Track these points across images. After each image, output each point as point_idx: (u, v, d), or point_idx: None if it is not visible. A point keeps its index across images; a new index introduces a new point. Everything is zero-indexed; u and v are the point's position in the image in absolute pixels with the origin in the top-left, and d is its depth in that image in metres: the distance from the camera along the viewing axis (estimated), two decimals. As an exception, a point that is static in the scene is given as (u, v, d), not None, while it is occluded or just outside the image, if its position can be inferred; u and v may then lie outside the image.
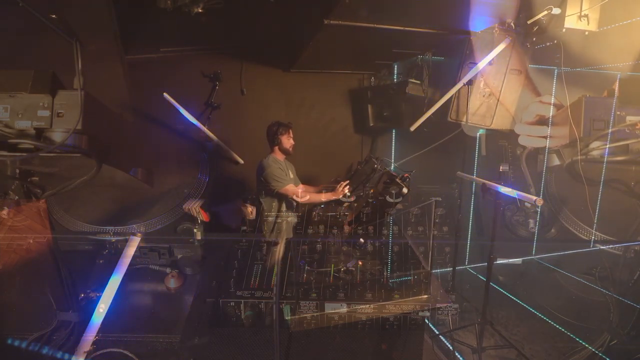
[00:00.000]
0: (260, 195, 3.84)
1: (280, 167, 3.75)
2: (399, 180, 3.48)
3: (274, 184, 3.67)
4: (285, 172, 3.78)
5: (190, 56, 4.58)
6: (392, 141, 4.84)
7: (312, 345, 3.13)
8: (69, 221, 3.98)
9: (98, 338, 3.07)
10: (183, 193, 4.09)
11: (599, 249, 3.82)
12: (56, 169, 2.86)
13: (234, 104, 4.66)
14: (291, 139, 3.83)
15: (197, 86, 4.34)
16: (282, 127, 3.78)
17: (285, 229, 3.87)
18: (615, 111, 3.40)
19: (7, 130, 2.47)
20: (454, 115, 4.05)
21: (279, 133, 3.76)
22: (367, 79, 4.95)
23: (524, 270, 4.18)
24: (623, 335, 3.39)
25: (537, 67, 4.07)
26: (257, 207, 4.02)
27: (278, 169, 3.70)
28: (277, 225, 3.84)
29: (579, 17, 3.37)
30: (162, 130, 4.38)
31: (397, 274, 3.52)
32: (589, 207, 3.63)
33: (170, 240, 3.96)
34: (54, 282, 3.32)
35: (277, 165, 3.72)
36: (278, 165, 3.73)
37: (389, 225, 3.91)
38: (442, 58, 4.40)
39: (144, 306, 3.79)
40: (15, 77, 2.55)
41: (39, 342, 3.22)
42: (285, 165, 3.84)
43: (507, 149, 4.35)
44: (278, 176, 3.67)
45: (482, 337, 3.17)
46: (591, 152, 3.41)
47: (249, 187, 4.44)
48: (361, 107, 4.90)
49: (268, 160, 3.73)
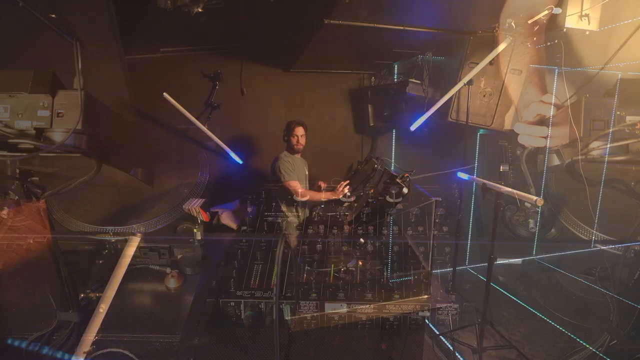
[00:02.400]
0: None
1: (289, 161, 4.04)
2: (399, 180, 3.48)
3: (280, 176, 3.97)
4: (292, 168, 4.01)
5: (190, 56, 4.58)
6: (392, 141, 4.84)
7: (312, 345, 3.12)
8: (69, 221, 3.97)
9: (98, 338, 3.07)
10: (183, 193, 4.09)
11: (599, 249, 3.82)
12: (56, 169, 2.86)
13: (234, 104, 4.67)
14: (299, 137, 4.06)
15: (197, 86, 4.34)
16: (292, 124, 4.07)
17: (286, 228, 3.99)
18: (615, 111, 3.40)
19: (7, 130, 2.47)
20: (454, 115, 4.05)
21: (288, 131, 4.08)
22: (367, 79, 4.95)
23: (524, 270, 4.18)
24: (623, 335, 3.39)
25: (536, 67, 4.08)
26: (257, 207, 4.03)
27: (286, 163, 4.01)
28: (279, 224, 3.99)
29: (580, 16, 3.37)
30: (162, 130, 4.38)
31: (397, 274, 3.52)
32: (589, 207, 3.63)
33: (170, 240, 3.95)
34: (54, 282, 3.32)
35: (286, 159, 4.04)
36: (287, 159, 4.04)
37: (389, 225, 3.91)
38: (442, 58, 4.40)
39: (144, 306, 3.78)
40: (15, 77, 2.54)
41: (39, 342, 3.22)
42: (293, 162, 4.08)
43: (507, 149, 4.35)
44: (284, 169, 3.98)
45: (482, 337, 3.16)
46: (591, 152, 3.41)
47: (249, 187, 4.44)
48: (361, 107, 4.90)
49: (281, 154, 4.10)
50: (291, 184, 3.95)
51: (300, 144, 4.08)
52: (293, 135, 4.06)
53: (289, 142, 4.09)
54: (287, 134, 4.10)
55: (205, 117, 4.26)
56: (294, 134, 4.06)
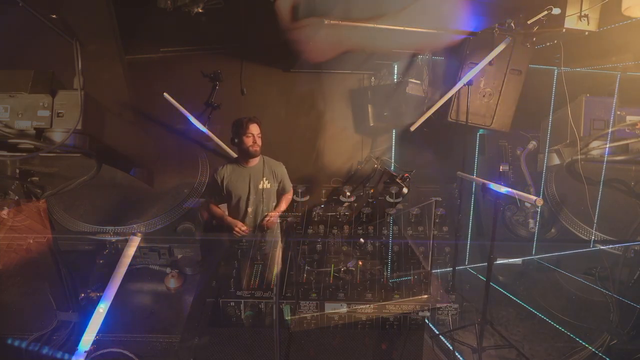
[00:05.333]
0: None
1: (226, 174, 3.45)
2: (399, 180, 3.48)
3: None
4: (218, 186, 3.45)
5: (190, 56, 4.58)
6: (392, 141, 4.84)
7: (312, 345, 3.12)
8: (69, 221, 3.98)
9: (98, 338, 3.08)
10: (183, 193, 4.09)
11: (598, 249, 3.82)
12: (56, 169, 2.86)
13: (234, 104, 4.66)
14: (254, 137, 3.33)
15: (197, 86, 4.34)
16: (243, 121, 3.34)
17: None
18: (615, 111, 3.40)
19: (7, 130, 2.48)
20: (454, 115, 4.05)
21: (239, 130, 3.35)
22: (367, 79, 4.95)
23: (524, 270, 4.18)
24: (623, 335, 3.39)
25: (537, 67, 4.08)
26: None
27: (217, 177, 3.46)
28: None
29: (579, 17, 3.37)
30: (162, 130, 4.38)
31: (397, 274, 3.52)
32: (588, 207, 3.63)
33: (170, 240, 3.96)
34: (54, 282, 3.32)
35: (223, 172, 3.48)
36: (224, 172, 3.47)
37: (389, 225, 3.91)
38: (442, 58, 4.40)
39: (144, 306, 3.79)
40: (15, 77, 2.55)
41: (39, 342, 3.22)
42: (235, 174, 3.45)
43: (507, 149, 4.35)
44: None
45: (482, 337, 3.16)
46: (591, 152, 3.41)
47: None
48: (361, 107, 4.90)
49: (219, 167, 3.50)
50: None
51: (257, 144, 3.34)
52: (247, 134, 3.30)
53: (242, 144, 3.32)
54: (238, 134, 3.31)
55: (205, 117, 4.25)
56: (248, 133, 3.30)
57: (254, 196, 3.47)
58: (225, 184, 3.44)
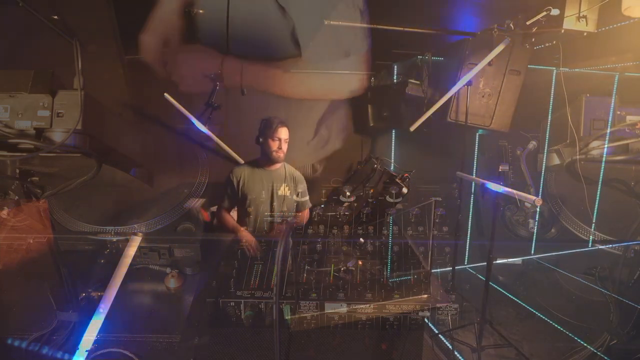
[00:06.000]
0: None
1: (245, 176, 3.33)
2: (398, 180, 3.48)
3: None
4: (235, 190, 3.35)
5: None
6: (392, 141, 4.84)
7: (312, 345, 3.12)
8: (69, 221, 3.98)
9: (98, 338, 3.07)
10: (183, 193, 4.09)
11: (598, 248, 3.82)
12: (56, 169, 2.86)
13: (234, 104, 4.66)
14: (281, 142, 3.21)
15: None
16: (273, 123, 3.19)
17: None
18: (615, 111, 3.41)
19: (7, 130, 2.48)
20: (453, 115, 4.06)
21: (267, 131, 3.19)
22: (367, 79, 4.95)
23: (523, 270, 4.18)
24: (623, 335, 3.40)
25: (536, 67, 4.08)
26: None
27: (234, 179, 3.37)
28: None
29: (578, 18, 3.37)
30: (162, 130, 4.38)
31: (397, 273, 3.52)
32: (588, 207, 3.63)
33: (170, 240, 3.96)
34: (54, 282, 3.32)
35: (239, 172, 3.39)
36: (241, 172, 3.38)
37: (389, 225, 3.91)
38: (442, 58, 4.40)
39: (143, 306, 3.79)
40: (15, 77, 2.55)
41: (39, 342, 3.22)
42: (253, 178, 3.33)
43: (507, 149, 4.35)
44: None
45: (482, 336, 3.17)
46: (591, 152, 3.42)
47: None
48: (361, 107, 4.90)
49: (235, 169, 3.42)
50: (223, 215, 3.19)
51: (282, 150, 3.17)
52: (274, 138, 3.13)
53: (266, 146, 3.15)
54: (264, 135, 3.14)
55: (205, 117, 4.25)
56: (275, 137, 3.13)
57: (275, 203, 3.33)
58: (241, 186, 3.29)
